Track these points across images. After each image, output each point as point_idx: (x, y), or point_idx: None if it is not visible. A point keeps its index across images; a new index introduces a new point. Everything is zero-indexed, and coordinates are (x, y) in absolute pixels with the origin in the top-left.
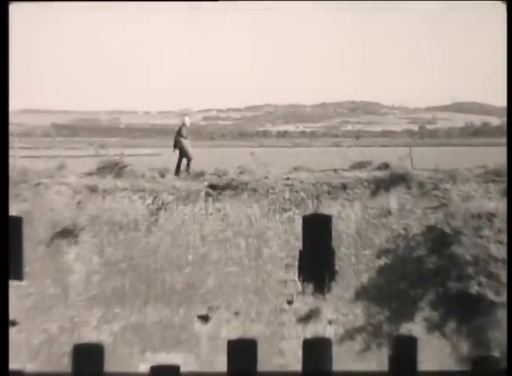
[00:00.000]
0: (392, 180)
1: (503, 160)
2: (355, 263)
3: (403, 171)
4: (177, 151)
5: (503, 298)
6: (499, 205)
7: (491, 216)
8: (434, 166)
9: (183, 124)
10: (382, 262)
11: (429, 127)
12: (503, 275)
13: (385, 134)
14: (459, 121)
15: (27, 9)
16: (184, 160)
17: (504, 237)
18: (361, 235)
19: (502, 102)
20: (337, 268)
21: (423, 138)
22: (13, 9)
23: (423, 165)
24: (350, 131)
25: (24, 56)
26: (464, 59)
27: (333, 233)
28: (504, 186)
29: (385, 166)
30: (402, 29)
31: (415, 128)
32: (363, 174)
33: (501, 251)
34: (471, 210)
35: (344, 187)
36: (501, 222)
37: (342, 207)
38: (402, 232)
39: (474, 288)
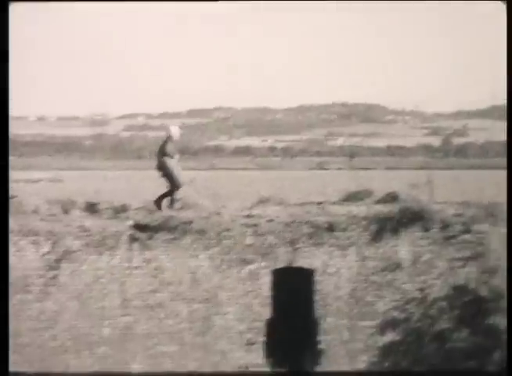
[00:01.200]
0: (403, 218)
1: None
2: (348, 340)
3: (418, 206)
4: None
5: None
6: None
7: None
8: (463, 198)
9: (169, 138)
10: (388, 338)
11: (457, 141)
12: None
13: (392, 151)
14: (502, 132)
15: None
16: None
17: None
18: (357, 299)
19: None
20: (321, 347)
21: (448, 157)
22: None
23: (448, 197)
24: (341, 147)
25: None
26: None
27: (317, 296)
28: None
29: (392, 198)
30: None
31: (436, 142)
32: (360, 209)
33: None
34: None
35: (332, 228)
36: None
37: (329, 258)
38: (418, 295)
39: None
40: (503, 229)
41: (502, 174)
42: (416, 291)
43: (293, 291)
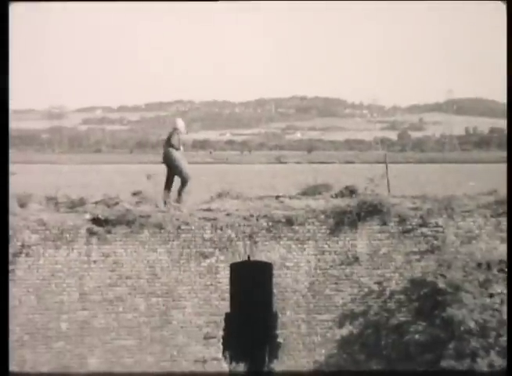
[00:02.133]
0: (361, 212)
1: None
2: (306, 333)
3: (376, 200)
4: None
5: None
6: None
7: (504, 265)
8: (420, 192)
9: (175, 130)
10: (346, 331)
11: (414, 135)
12: None
13: (350, 145)
14: (458, 125)
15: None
16: (176, 181)
17: None
18: (315, 292)
19: None
20: (280, 340)
21: (405, 150)
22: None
23: (406, 191)
24: (299, 140)
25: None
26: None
27: (275, 290)
28: None
29: (350, 192)
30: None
31: (393, 136)
32: (318, 203)
33: None
34: (476, 256)
35: (290, 222)
36: None
37: (288, 252)
38: (376, 287)
39: (481, 370)
40: (460, 222)
41: (458, 167)
42: (374, 284)
43: (252, 284)
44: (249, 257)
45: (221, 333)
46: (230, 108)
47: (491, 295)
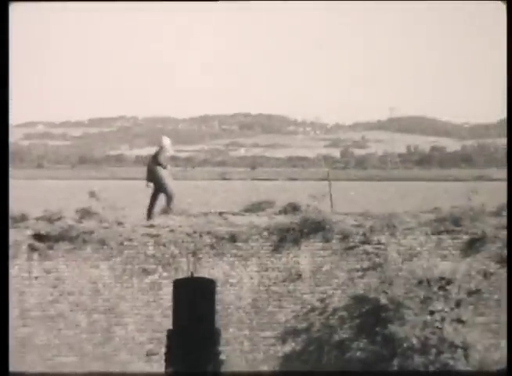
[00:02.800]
0: (303, 229)
1: (464, 202)
2: (249, 350)
3: (319, 217)
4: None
5: None
6: (457, 267)
7: (445, 283)
8: (362, 209)
9: (161, 148)
10: (288, 348)
11: (357, 152)
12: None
13: (293, 162)
14: (400, 143)
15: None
16: (161, 198)
17: (466, 313)
18: (258, 309)
19: (465, 117)
20: (223, 357)
21: (348, 168)
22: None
23: (348, 208)
24: (243, 157)
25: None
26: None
27: (218, 306)
28: (464, 240)
29: (293, 208)
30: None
31: (336, 153)
32: (262, 220)
33: (459, 334)
34: (417, 274)
35: (233, 239)
36: (461, 292)
37: (231, 269)
38: (318, 304)
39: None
40: (402, 240)
41: (401, 186)
42: (317, 301)
43: (195, 301)
44: (192, 273)
45: (163, 350)
46: (173, 124)
47: (431, 313)
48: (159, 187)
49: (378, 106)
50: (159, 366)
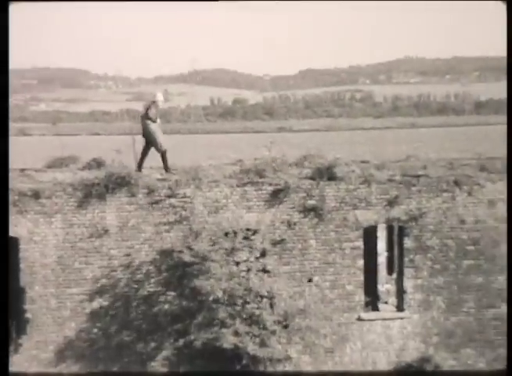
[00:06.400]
0: (109, 184)
1: (266, 153)
2: (55, 308)
3: (124, 172)
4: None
5: (269, 350)
6: (262, 218)
7: (251, 234)
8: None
9: (152, 103)
10: (96, 304)
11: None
12: (269, 318)
13: (96, 116)
14: (203, 96)
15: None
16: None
17: (270, 262)
18: (64, 266)
19: (271, 69)
20: (28, 315)
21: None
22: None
23: (152, 162)
24: (43, 112)
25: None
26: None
27: (22, 265)
28: (269, 191)
29: (98, 164)
30: None
31: (139, 107)
32: (66, 175)
33: (265, 284)
34: (223, 225)
35: (37, 196)
36: (265, 242)
37: (35, 226)
38: (125, 260)
39: (228, 339)
40: (208, 193)
41: (205, 137)
42: (123, 256)
43: None
44: None
45: None
46: None
47: (237, 263)
48: (149, 141)
49: (181, 60)
50: None
